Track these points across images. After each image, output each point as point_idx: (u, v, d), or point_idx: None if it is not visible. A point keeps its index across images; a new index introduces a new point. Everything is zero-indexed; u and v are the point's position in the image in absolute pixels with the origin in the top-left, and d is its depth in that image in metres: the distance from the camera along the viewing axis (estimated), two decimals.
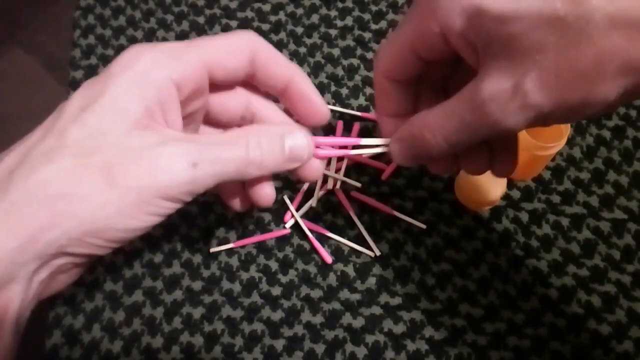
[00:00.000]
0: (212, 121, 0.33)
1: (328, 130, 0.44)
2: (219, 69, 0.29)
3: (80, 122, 0.27)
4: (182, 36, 0.48)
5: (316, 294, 0.40)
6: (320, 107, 0.32)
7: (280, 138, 0.29)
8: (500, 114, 0.24)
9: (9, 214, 0.25)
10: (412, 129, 0.28)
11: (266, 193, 0.32)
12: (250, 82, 0.32)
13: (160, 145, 0.27)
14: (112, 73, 0.28)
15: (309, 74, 0.47)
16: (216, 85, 0.31)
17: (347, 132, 0.44)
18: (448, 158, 0.30)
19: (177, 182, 0.27)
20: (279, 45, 0.48)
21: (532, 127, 0.26)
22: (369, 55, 0.47)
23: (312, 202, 0.42)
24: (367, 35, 0.48)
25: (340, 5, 0.49)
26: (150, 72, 0.28)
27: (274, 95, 0.32)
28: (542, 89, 0.23)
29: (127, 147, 0.27)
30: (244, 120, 0.33)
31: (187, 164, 0.27)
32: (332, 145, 0.31)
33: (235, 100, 0.32)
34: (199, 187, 0.28)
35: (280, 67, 0.31)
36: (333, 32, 0.48)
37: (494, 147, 0.30)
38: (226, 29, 0.49)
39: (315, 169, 0.31)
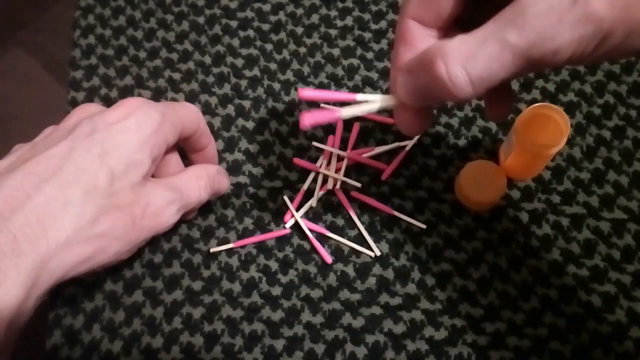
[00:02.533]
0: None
1: (328, 129, 0.44)
2: (184, 132, 0.37)
3: (109, 167, 0.32)
4: (182, 36, 0.48)
5: (316, 294, 0.40)
6: (213, 160, 0.42)
7: (216, 179, 0.39)
8: (554, 26, 0.21)
9: (63, 248, 0.30)
10: (423, 57, 0.25)
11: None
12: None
13: (160, 195, 0.34)
14: (129, 127, 0.33)
15: (309, 74, 0.47)
16: None
17: (347, 131, 0.44)
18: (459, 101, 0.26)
19: (168, 225, 0.36)
20: (279, 45, 0.48)
21: (579, 56, 0.22)
22: (369, 55, 0.47)
23: (312, 202, 0.42)
24: (367, 35, 0.48)
25: (340, 5, 0.49)
26: (159, 132, 0.34)
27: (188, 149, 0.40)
28: None
29: (142, 194, 0.33)
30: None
31: (176, 211, 0.36)
32: (318, 98, 0.30)
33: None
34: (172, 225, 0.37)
35: (208, 137, 0.40)
36: (333, 32, 0.48)
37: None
38: (226, 29, 0.49)
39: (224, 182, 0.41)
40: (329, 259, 0.41)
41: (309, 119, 0.28)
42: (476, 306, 0.39)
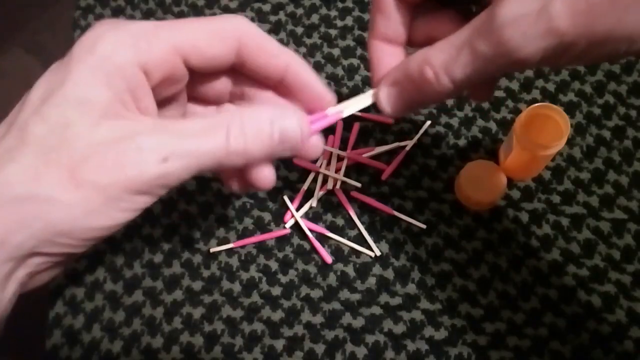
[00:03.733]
0: (199, 98, 0.31)
1: (328, 129, 0.44)
2: (196, 55, 0.27)
3: (42, 115, 0.25)
4: None
5: (316, 294, 0.40)
6: (325, 95, 0.29)
7: (268, 123, 0.26)
8: (519, 39, 0.23)
9: None
10: (408, 67, 0.27)
11: (265, 176, 0.28)
12: (240, 71, 0.29)
13: (128, 139, 0.25)
14: (74, 58, 0.26)
15: None
16: (198, 71, 0.28)
17: (347, 131, 0.44)
18: (442, 99, 0.28)
19: (147, 178, 0.25)
20: None
21: (545, 63, 0.24)
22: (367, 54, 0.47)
23: (312, 202, 0.42)
24: (367, 35, 0.48)
25: (340, 5, 0.49)
26: (114, 56, 0.25)
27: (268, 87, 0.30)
28: (570, 13, 0.22)
29: (92, 142, 0.25)
30: (234, 96, 0.31)
31: (156, 158, 0.25)
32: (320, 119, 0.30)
33: (222, 82, 0.30)
34: (171, 181, 0.26)
35: (273, 56, 0.28)
36: (333, 32, 0.48)
37: None
38: None
39: (314, 147, 0.29)
40: (329, 259, 0.41)
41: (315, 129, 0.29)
42: (476, 306, 0.39)
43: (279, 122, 0.26)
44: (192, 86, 0.30)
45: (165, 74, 0.27)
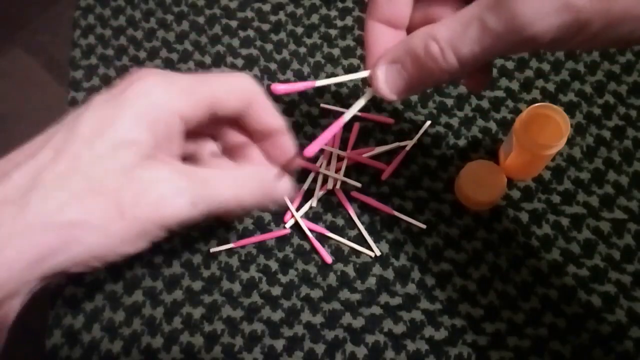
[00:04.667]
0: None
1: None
2: (221, 108, 0.30)
3: (94, 148, 0.27)
4: (182, 36, 0.48)
5: (316, 294, 0.40)
6: (292, 159, 0.33)
7: (270, 187, 0.31)
8: (532, 14, 0.22)
9: (23, 236, 0.26)
10: (411, 43, 0.25)
11: None
12: (235, 121, 0.32)
13: (167, 181, 0.28)
14: (127, 98, 0.28)
15: (309, 74, 0.47)
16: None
17: (347, 132, 0.44)
18: (444, 81, 0.27)
19: (178, 218, 0.28)
20: (279, 45, 0.48)
21: (556, 43, 0.23)
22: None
23: (312, 202, 0.42)
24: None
25: (340, 5, 0.49)
26: (163, 105, 0.28)
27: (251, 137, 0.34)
28: None
29: (136, 178, 0.28)
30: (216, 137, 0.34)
31: (189, 202, 0.28)
32: (292, 91, 0.29)
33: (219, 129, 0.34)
34: (191, 223, 0.29)
35: (271, 117, 0.32)
36: (333, 32, 0.48)
37: None
38: (226, 29, 0.49)
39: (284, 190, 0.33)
40: (329, 259, 0.41)
41: (282, 88, 0.28)
42: (476, 306, 0.39)
43: (277, 187, 0.32)
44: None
45: (197, 123, 0.30)
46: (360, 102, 0.29)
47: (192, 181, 0.29)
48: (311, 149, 0.28)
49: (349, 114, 0.29)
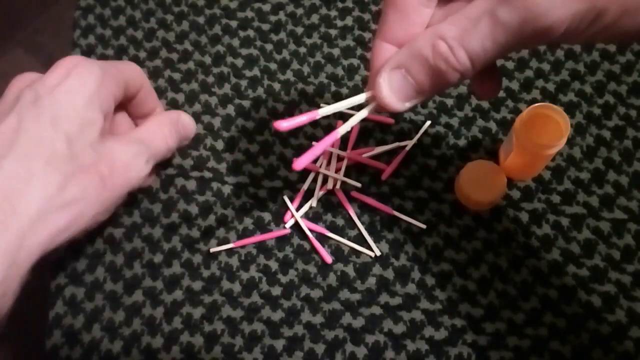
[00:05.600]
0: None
1: (327, 129, 0.44)
2: (128, 90, 0.37)
3: (67, 131, 0.31)
4: (182, 36, 0.48)
5: (316, 294, 0.40)
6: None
7: (180, 124, 0.40)
8: (547, 3, 0.21)
9: (36, 222, 0.29)
10: (416, 45, 0.24)
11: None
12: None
13: (124, 149, 0.34)
14: (73, 85, 0.32)
15: (309, 74, 0.47)
16: None
17: (346, 132, 0.44)
18: (456, 83, 0.25)
19: (141, 178, 0.35)
20: (279, 45, 0.48)
21: (571, 34, 0.22)
22: (369, 55, 0.47)
23: (312, 202, 0.42)
24: (367, 35, 0.48)
25: (340, 5, 0.49)
26: (103, 89, 0.34)
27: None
28: None
29: (103, 152, 0.32)
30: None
31: (144, 161, 0.35)
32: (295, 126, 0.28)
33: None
34: (144, 180, 0.37)
35: (154, 99, 0.40)
36: (333, 32, 0.48)
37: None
38: (226, 29, 0.49)
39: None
40: (329, 259, 0.41)
41: (285, 125, 0.27)
42: (476, 306, 0.39)
43: (183, 122, 0.41)
44: None
45: (117, 103, 0.36)
46: (359, 116, 0.28)
47: (139, 144, 0.35)
48: (301, 162, 0.27)
49: (344, 129, 0.28)
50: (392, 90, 0.25)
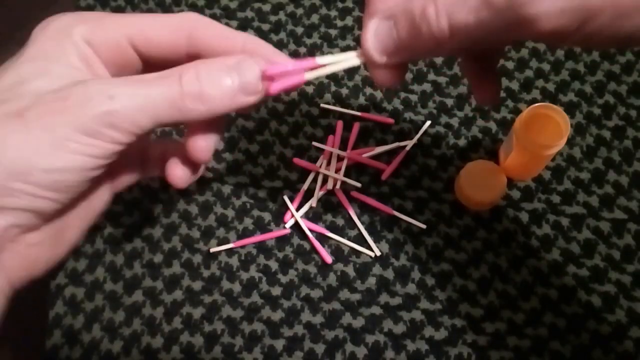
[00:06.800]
0: None
1: (328, 129, 0.44)
2: (145, 43, 0.28)
3: (2, 75, 0.27)
4: None
5: (316, 294, 0.40)
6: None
7: (225, 68, 0.27)
8: None
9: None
10: (412, 3, 0.24)
11: (206, 144, 0.29)
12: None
13: (75, 85, 0.26)
14: (32, 36, 0.29)
15: None
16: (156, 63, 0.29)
17: (347, 131, 0.44)
18: (428, 54, 0.25)
19: (92, 115, 0.25)
20: (279, 45, 0.48)
21: (560, 34, 0.22)
22: None
23: (312, 202, 0.42)
24: None
25: (340, 5, 0.49)
26: (66, 29, 0.28)
27: None
28: None
29: (44, 92, 0.26)
30: None
31: (102, 96, 0.26)
32: (284, 73, 0.27)
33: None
34: (120, 120, 0.26)
35: (227, 39, 0.29)
36: (333, 32, 0.48)
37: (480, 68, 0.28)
38: None
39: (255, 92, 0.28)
40: (329, 259, 0.41)
41: (275, 87, 0.27)
42: (476, 306, 0.39)
43: (238, 66, 0.27)
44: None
45: (112, 55, 0.29)
46: (347, 61, 0.27)
47: (110, 81, 0.27)
48: (276, 87, 0.26)
49: (327, 60, 0.27)
50: (376, 37, 0.26)
